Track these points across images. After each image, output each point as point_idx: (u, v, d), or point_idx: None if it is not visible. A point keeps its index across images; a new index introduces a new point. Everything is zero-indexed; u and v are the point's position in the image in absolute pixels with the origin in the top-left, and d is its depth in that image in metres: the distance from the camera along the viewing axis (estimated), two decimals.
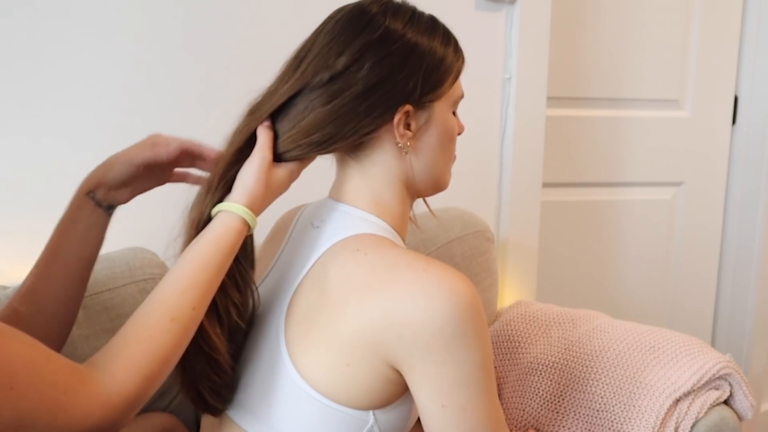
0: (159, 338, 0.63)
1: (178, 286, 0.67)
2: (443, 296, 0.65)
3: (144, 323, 0.65)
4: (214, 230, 0.70)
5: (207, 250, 0.69)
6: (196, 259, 0.68)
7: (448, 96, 0.78)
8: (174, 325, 0.64)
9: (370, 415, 0.71)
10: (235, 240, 0.70)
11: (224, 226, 0.70)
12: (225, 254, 0.69)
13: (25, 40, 1.09)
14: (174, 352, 0.65)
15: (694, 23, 1.74)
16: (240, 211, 0.70)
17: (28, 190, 1.13)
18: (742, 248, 1.87)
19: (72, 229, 0.80)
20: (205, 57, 1.21)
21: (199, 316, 0.67)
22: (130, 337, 0.64)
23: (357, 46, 0.73)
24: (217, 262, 0.68)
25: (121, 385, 0.61)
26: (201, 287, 0.67)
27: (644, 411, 1.04)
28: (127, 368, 0.61)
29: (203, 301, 0.67)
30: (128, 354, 0.62)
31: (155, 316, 0.65)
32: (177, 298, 0.66)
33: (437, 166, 0.80)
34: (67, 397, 0.57)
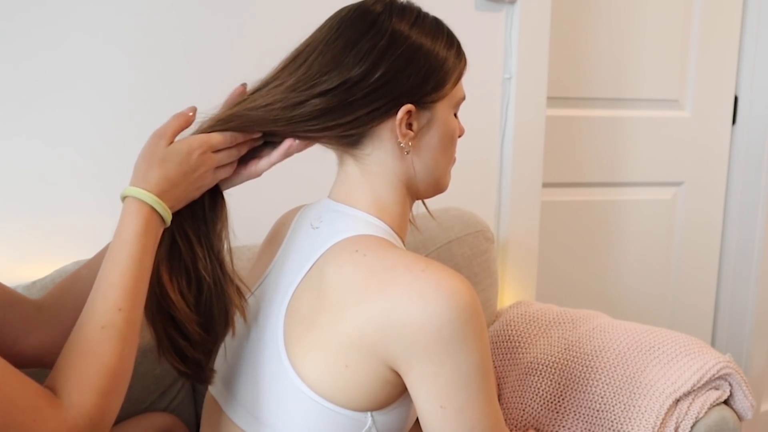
0: (97, 350, 0.61)
1: (99, 293, 0.64)
2: (442, 297, 0.65)
3: (79, 338, 0.62)
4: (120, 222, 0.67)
5: (114, 245, 0.66)
6: (107, 258, 0.66)
7: (450, 97, 0.79)
8: (106, 333, 0.62)
9: (369, 417, 0.71)
10: (141, 226, 0.66)
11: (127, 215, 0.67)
12: (134, 243, 0.65)
13: (27, 43, 1.09)
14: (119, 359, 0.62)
15: (694, 23, 1.74)
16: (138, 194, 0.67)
17: (29, 191, 1.13)
18: (742, 248, 1.87)
19: None
20: (202, 61, 1.21)
21: (132, 315, 0.64)
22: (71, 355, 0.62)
23: (364, 49, 0.73)
24: (129, 253, 0.65)
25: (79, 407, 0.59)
26: (119, 285, 0.64)
27: (644, 411, 1.04)
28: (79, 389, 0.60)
29: (130, 298, 0.64)
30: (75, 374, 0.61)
31: (86, 329, 0.63)
32: (100, 304, 0.64)
33: (438, 167, 0.80)
34: (35, 423, 0.56)
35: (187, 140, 0.70)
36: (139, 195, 0.67)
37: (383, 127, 0.75)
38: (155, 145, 0.69)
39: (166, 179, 0.68)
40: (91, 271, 0.79)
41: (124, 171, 1.16)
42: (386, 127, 0.75)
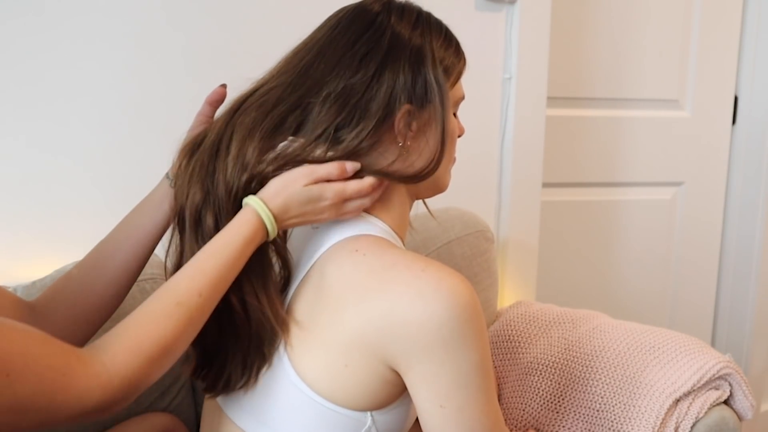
0: (162, 322, 0.64)
1: (187, 273, 0.67)
2: (441, 297, 0.65)
3: (149, 308, 0.65)
4: (233, 221, 0.70)
5: (220, 239, 0.69)
6: (209, 248, 0.69)
7: (449, 97, 0.78)
8: (178, 310, 0.64)
9: (368, 416, 0.71)
10: (250, 233, 0.69)
11: (242, 218, 0.70)
12: (238, 245, 0.69)
13: (27, 46, 1.09)
14: (177, 338, 0.64)
15: (694, 23, 1.74)
16: (259, 208, 0.70)
17: (29, 191, 1.13)
18: (742, 248, 1.87)
19: (144, 203, 0.82)
20: (199, 67, 1.20)
21: (207, 305, 0.67)
22: (134, 320, 0.64)
23: (364, 51, 0.73)
24: (229, 252, 0.68)
25: (120, 366, 0.61)
26: (209, 275, 0.67)
27: (644, 411, 1.04)
28: (127, 349, 0.61)
29: (212, 289, 0.67)
30: (130, 336, 0.62)
31: (161, 300, 0.65)
32: (184, 283, 0.66)
33: None
34: (66, 378, 0.58)
35: (323, 188, 0.72)
36: (258, 208, 0.70)
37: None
38: (296, 179, 0.72)
39: (285, 210, 0.72)
40: (82, 270, 0.80)
41: (123, 172, 1.18)
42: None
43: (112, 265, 0.80)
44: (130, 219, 0.82)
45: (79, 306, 0.80)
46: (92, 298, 0.80)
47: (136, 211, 0.82)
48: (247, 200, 0.71)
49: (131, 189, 0.88)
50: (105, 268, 0.80)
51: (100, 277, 0.80)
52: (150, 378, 0.64)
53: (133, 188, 0.88)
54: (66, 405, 0.58)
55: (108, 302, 0.82)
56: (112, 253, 0.80)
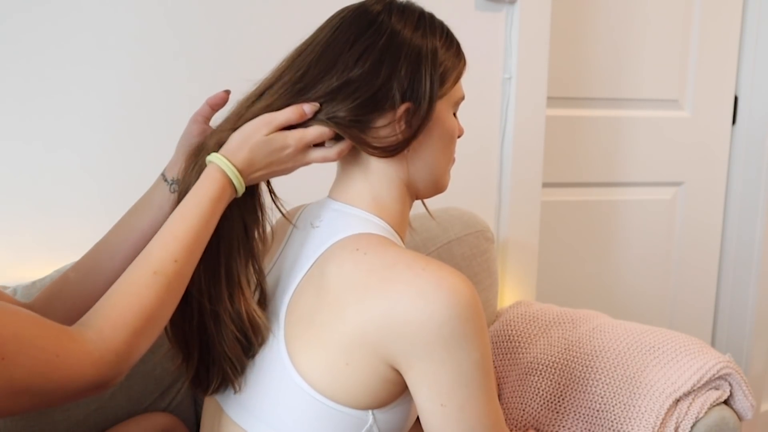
0: (142, 292, 0.64)
1: (161, 240, 0.67)
2: (442, 296, 0.65)
3: (128, 279, 0.65)
4: (198, 182, 0.70)
5: (188, 202, 0.69)
6: (177, 212, 0.69)
7: (449, 97, 0.79)
8: (156, 278, 0.65)
9: (369, 415, 0.71)
10: (216, 191, 0.69)
11: (206, 178, 0.70)
12: (206, 205, 0.69)
13: (25, 45, 1.09)
14: (159, 306, 0.65)
15: (694, 23, 1.74)
16: (222, 164, 0.70)
17: (29, 192, 1.13)
18: (742, 248, 1.87)
19: (141, 205, 0.82)
20: (200, 66, 1.21)
21: (184, 270, 0.67)
22: (115, 294, 0.64)
23: (363, 48, 0.73)
24: (199, 212, 0.68)
25: (109, 340, 0.61)
26: (182, 239, 0.67)
27: (644, 411, 1.04)
28: (113, 324, 0.62)
29: (187, 253, 0.67)
30: (113, 310, 0.63)
31: (138, 271, 0.66)
32: (158, 251, 0.67)
33: (437, 167, 0.80)
34: (59, 358, 0.58)
35: (284, 135, 0.73)
36: (222, 164, 0.70)
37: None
38: (257, 129, 0.72)
39: (251, 163, 0.72)
40: (79, 273, 0.80)
41: (122, 173, 1.18)
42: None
43: (110, 268, 0.80)
44: (126, 221, 0.82)
45: (76, 309, 0.79)
46: (90, 301, 0.79)
47: (133, 214, 0.82)
48: (210, 158, 0.71)
49: (131, 190, 0.88)
50: (102, 272, 0.80)
51: (98, 280, 0.80)
52: (139, 349, 0.64)
53: (132, 189, 0.88)
54: (61, 384, 0.58)
55: None
56: (110, 256, 0.80)
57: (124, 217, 0.82)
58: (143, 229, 0.80)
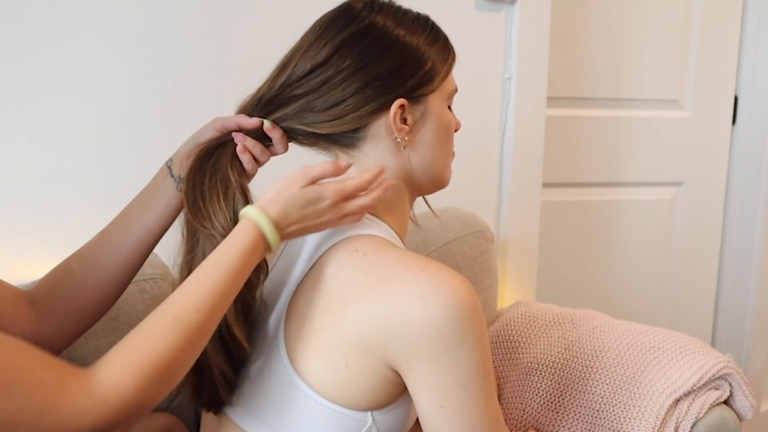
0: (158, 338, 0.61)
1: (185, 288, 0.65)
2: (442, 297, 0.65)
3: (146, 325, 0.63)
4: (231, 234, 0.68)
5: (218, 252, 0.67)
6: (207, 261, 0.67)
7: (442, 90, 0.79)
8: (174, 325, 0.62)
9: (369, 416, 0.71)
10: (249, 245, 0.67)
11: (239, 230, 0.68)
12: (236, 258, 0.66)
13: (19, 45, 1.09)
14: (175, 354, 0.61)
15: (694, 23, 1.74)
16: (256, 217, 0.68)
17: (28, 192, 1.13)
18: (742, 248, 1.87)
19: (144, 196, 0.81)
20: (195, 69, 1.21)
21: (206, 322, 0.64)
22: (131, 338, 0.62)
23: (339, 38, 0.74)
24: (228, 265, 0.66)
25: (117, 385, 0.58)
26: (207, 289, 0.64)
27: (644, 411, 1.04)
28: (122, 367, 0.59)
29: (211, 304, 0.64)
30: (125, 353, 0.60)
31: (157, 317, 0.63)
32: (181, 298, 0.64)
33: (437, 161, 0.80)
34: (59, 397, 0.55)
35: (321, 187, 0.71)
36: (255, 218, 0.68)
37: (378, 125, 0.75)
38: (292, 182, 0.70)
39: (284, 217, 0.69)
40: (83, 265, 0.79)
41: (122, 173, 1.18)
42: (381, 125, 0.75)
43: (115, 263, 0.79)
44: (130, 214, 0.81)
45: (80, 300, 0.79)
46: (93, 294, 0.80)
47: (137, 206, 0.81)
48: (244, 211, 0.70)
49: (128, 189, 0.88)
50: (107, 267, 0.79)
51: (102, 275, 0.79)
52: (148, 398, 0.60)
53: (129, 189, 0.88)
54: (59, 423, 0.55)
55: (108, 297, 0.81)
56: (115, 250, 0.79)
57: (129, 208, 0.81)
58: (149, 225, 0.79)
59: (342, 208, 0.72)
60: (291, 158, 0.81)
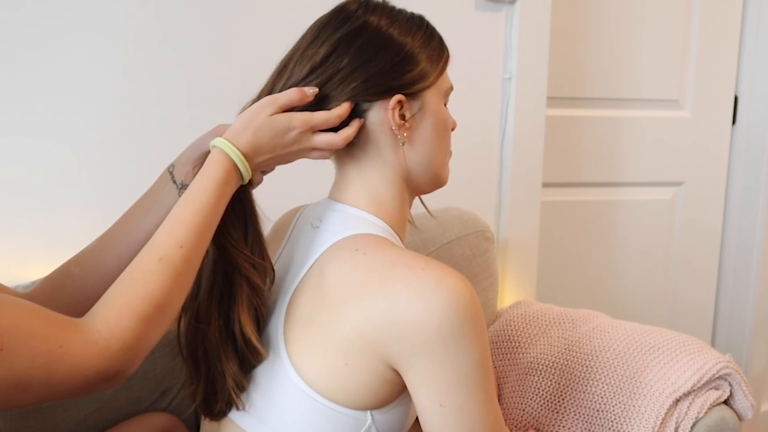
0: (148, 278, 0.63)
1: (166, 228, 0.66)
2: (441, 296, 0.65)
3: (133, 267, 0.64)
4: (203, 167, 0.70)
5: (193, 188, 0.68)
6: (183, 199, 0.68)
7: (437, 87, 0.79)
8: (162, 264, 0.63)
9: (368, 415, 0.71)
10: (221, 175, 0.68)
11: (210, 162, 0.69)
12: (211, 189, 0.67)
13: (21, 42, 1.09)
14: (167, 293, 0.63)
15: (694, 23, 1.74)
16: (226, 147, 0.69)
17: (29, 191, 1.13)
18: (742, 248, 1.87)
19: (146, 200, 0.81)
20: (194, 66, 1.21)
21: (191, 255, 0.66)
22: (121, 283, 0.63)
23: (335, 37, 0.74)
24: (204, 197, 0.67)
25: (116, 329, 0.60)
26: (187, 224, 0.66)
27: (644, 411, 1.04)
28: (118, 312, 0.61)
29: (194, 239, 0.66)
30: (118, 298, 0.62)
31: (144, 259, 0.64)
32: (164, 237, 0.65)
33: (435, 158, 0.80)
34: (63, 349, 0.57)
35: (289, 116, 0.72)
36: (225, 148, 0.70)
37: (375, 122, 0.76)
38: (260, 110, 0.71)
39: (254, 146, 0.71)
40: (83, 268, 0.80)
41: (119, 172, 1.18)
42: (378, 122, 0.76)
43: (116, 266, 0.79)
44: (133, 218, 0.81)
45: (80, 304, 0.79)
46: (93, 298, 0.79)
47: (140, 210, 0.81)
48: (214, 142, 0.71)
49: (129, 189, 0.88)
50: (108, 271, 0.79)
51: (103, 279, 0.79)
52: (148, 338, 0.62)
53: (129, 189, 0.88)
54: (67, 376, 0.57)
55: None
56: (116, 255, 0.80)
57: (130, 212, 0.82)
58: (150, 230, 0.79)
59: (310, 138, 0.73)
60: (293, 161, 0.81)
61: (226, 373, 0.74)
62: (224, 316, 0.74)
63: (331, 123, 0.74)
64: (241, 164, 0.70)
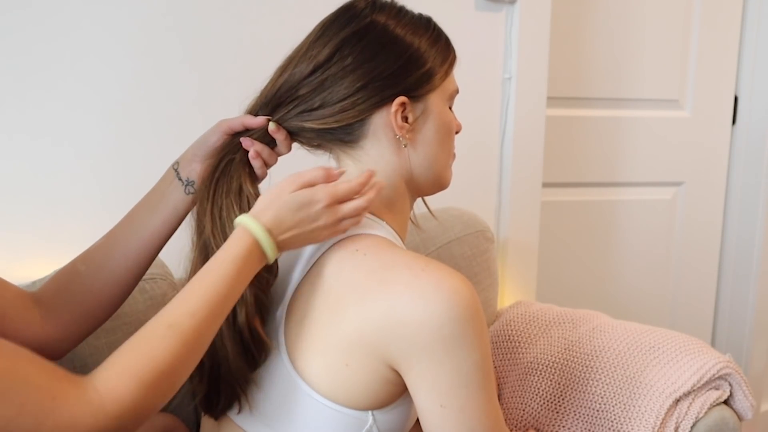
0: (154, 344, 0.61)
1: (180, 296, 0.65)
2: (442, 296, 0.65)
3: (142, 332, 0.63)
4: (226, 242, 0.68)
5: (213, 260, 0.67)
6: (202, 270, 0.67)
7: (442, 89, 0.79)
8: (170, 332, 0.62)
9: (369, 416, 0.71)
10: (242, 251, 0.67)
11: (233, 237, 0.68)
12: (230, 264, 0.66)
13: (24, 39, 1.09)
14: (172, 361, 0.61)
15: (694, 23, 1.74)
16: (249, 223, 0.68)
17: (29, 191, 1.13)
18: (742, 248, 1.87)
19: (151, 198, 0.81)
20: (201, 63, 1.21)
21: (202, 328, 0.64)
22: (127, 345, 0.62)
23: (341, 36, 0.74)
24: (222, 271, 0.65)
25: (114, 390, 0.58)
26: (201, 295, 0.64)
27: (644, 411, 1.04)
28: (120, 374, 0.59)
29: (206, 310, 0.64)
30: (122, 360, 0.60)
31: (153, 325, 0.63)
32: (176, 305, 0.64)
33: (437, 161, 0.80)
34: (56, 401, 0.55)
35: (312, 190, 0.70)
36: (247, 224, 0.68)
37: (378, 124, 0.76)
38: (284, 188, 0.70)
39: (277, 221, 0.69)
40: (90, 267, 0.79)
41: (123, 171, 1.18)
42: (381, 123, 0.75)
43: (122, 264, 0.79)
44: (138, 216, 0.81)
45: (87, 303, 0.79)
46: (100, 296, 0.80)
47: (145, 208, 0.81)
48: (238, 219, 0.70)
49: (132, 188, 0.88)
50: (115, 270, 0.79)
51: (109, 275, 0.79)
52: (147, 405, 0.60)
53: (133, 187, 0.88)
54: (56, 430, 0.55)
55: (115, 299, 0.81)
56: (122, 253, 0.80)
57: (135, 210, 0.81)
58: (156, 228, 0.80)
59: (337, 210, 0.71)
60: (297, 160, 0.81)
61: (232, 369, 0.74)
62: (231, 312, 0.74)
63: (355, 192, 0.72)
64: (264, 239, 0.68)
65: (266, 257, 0.69)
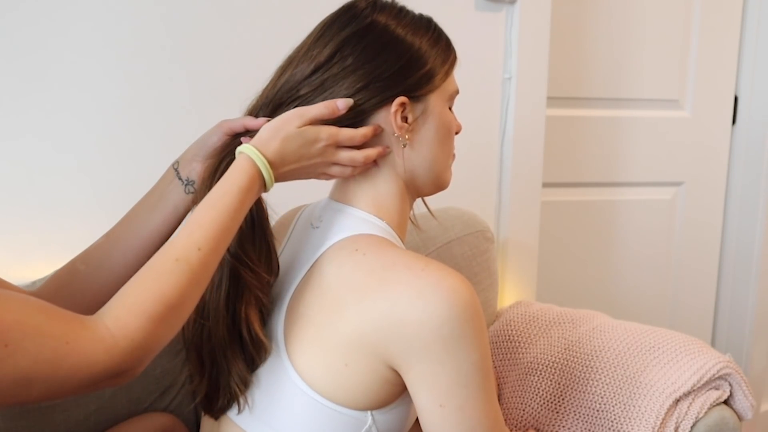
0: (162, 278, 0.62)
1: (186, 230, 0.66)
2: (441, 296, 0.65)
3: (149, 267, 0.64)
4: (227, 172, 0.69)
5: (215, 192, 0.68)
6: (205, 202, 0.68)
7: (442, 90, 0.79)
8: (178, 265, 0.63)
9: (369, 416, 0.71)
10: (246, 182, 0.68)
11: (236, 168, 0.69)
12: (234, 195, 0.67)
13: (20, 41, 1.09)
14: (180, 294, 0.62)
15: (694, 23, 1.74)
16: (253, 154, 0.69)
17: (29, 191, 1.13)
18: (742, 248, 1.87)
19: (151, 197, 0.81)
20: (195, 66, 1.21)
21: (208, 259, 0.65)
22: (135, 281, 0.63)
23: (341, 36, 0.74)
24: (226, 202, 0.67)
25: (125, 327, 0.59)
26: (207, 228, 0.65)
27: (644, 411, 1.04)
28: (128, 310, 0.60)
29: (212, 243, 0.65)
30: (131, 296, 0.61)
31: (160, 258, 0.64)
32: (182, 239, 0.65)
33: (437, 161, 0.80)
34: (69, 345, 0.56)
35: (317, 128, 0.72)
36: (252, 155, 0.69)
37: (378, 124, 0.75)
38: (288, 121, 0.71)
39: (281, 155, 0.70)
40: (89, 266, 0.79)
41: (120, 172, 1.18)
42: (381, 123, 0.75)
43: (123, 264, 0.79)
44: (137, 215, 0.81)
45: (87, 302, 0.79)
46: (100, 295, 0.79)
47: (145, 207, 0.81)
48: (241, 148, 0.70)
49: (130, 189, 0.88)
50: (114, 268, 0.79)
51: (109, 276, 0.79)
52: (158, 338, 0.62)
53: (133, 188, 0.88)
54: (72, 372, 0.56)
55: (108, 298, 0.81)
56: (122, 252, 0.80)
57: (135, 209, 0.81)
58: (157, 227, 0.80)
59: (333, 153, 0.73)
60: None
61: (231, 370, 0.74)
62: (231, 313, 0.74)
63: (356, 141, 0.74)
64: (266, 172, 0.69)
65: (265, 187, 0.71)
